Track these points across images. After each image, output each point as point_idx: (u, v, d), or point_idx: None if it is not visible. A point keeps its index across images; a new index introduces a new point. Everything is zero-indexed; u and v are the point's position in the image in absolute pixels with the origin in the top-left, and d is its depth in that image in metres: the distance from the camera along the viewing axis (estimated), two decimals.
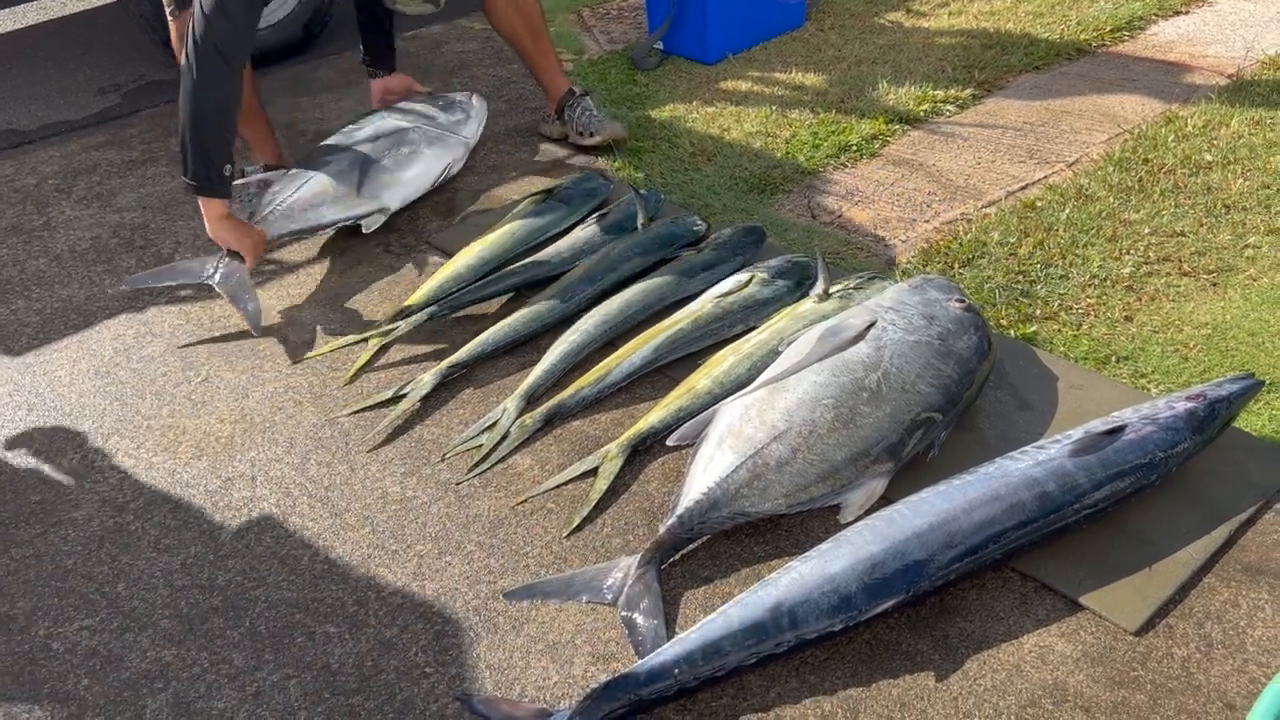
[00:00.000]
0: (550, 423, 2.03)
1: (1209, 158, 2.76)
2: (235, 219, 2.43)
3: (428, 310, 2.31)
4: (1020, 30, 3.68)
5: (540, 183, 2.86)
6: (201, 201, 2.37)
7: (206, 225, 2.41)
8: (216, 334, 2.39)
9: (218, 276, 2.44)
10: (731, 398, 1.87)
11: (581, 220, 2.61)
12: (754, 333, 2.09)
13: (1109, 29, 3.64)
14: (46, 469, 2.03)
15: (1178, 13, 3.79)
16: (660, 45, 3.67)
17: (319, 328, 2.39)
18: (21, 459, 2.07)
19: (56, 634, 1.69)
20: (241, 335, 2.37)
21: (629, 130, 3.06)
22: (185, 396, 2.20)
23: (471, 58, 3.78)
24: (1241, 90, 3.13)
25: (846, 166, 2.93)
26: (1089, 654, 1.52)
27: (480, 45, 3.90)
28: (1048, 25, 3.70)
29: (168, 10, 2.62)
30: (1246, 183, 2.63)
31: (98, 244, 2.78)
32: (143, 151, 3.25)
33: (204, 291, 2.54)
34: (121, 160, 3.20)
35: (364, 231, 2.64)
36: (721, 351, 2.05)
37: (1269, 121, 2.91)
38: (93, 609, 1.73)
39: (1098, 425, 1.71)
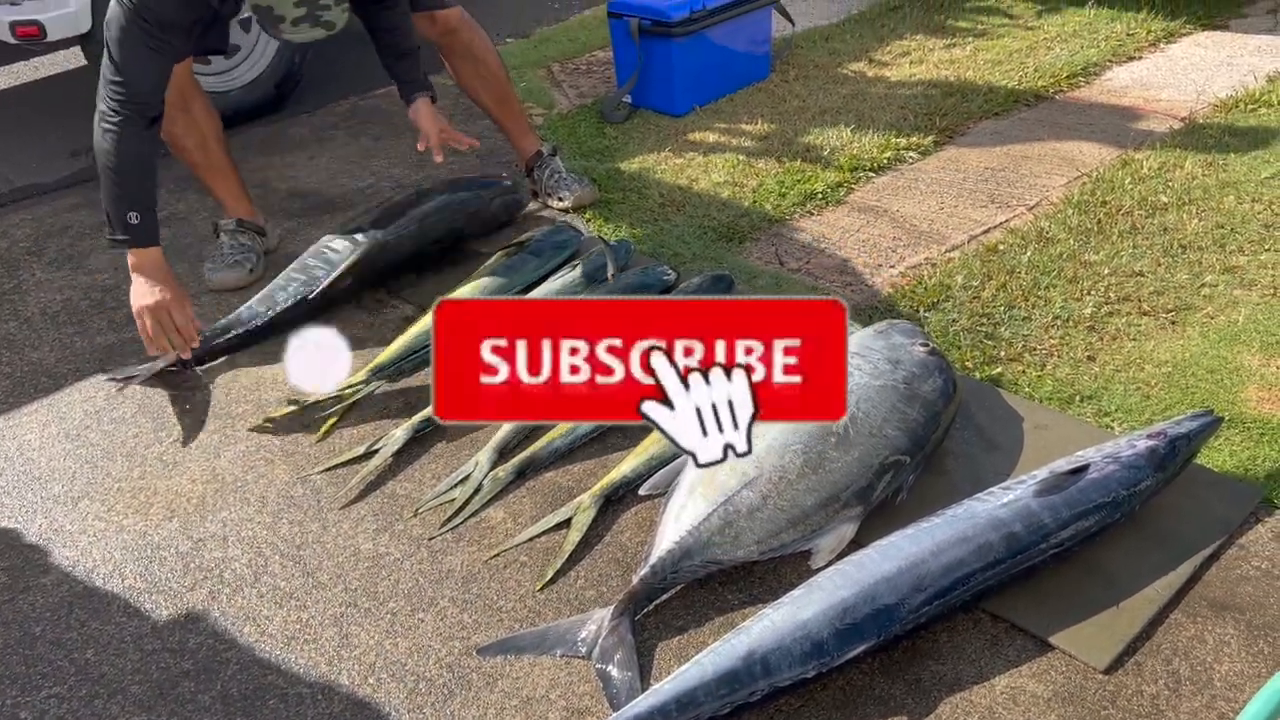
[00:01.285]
0: (523, 475, 2.04)
1: (1165, 199, 2.83)
2: (153, 278, 2.28)
3: (399, 365, 2.32)
4: (980, 78, 3.77)
5: (511, 235, 2.89)
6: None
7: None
8: (186, 394, 2.38)
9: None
10: None
11: (553, 272, 2.63)
12: None
13: (1065, 75, 3.73)
14: (14, 534, 2.01)
15: (1131, 59, 3.90)
16: (629, 99, 3.73)
17: (290, 385, 2.39)
18: None
19: (24, 703, 1.66)
20: (212, 393, 2.37)
21: (598, 192, 3.10)
22: (156, 457, 2.19)
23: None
24: (1194, 133, 3.22)
25: (812, 214, 2.98)
26: (1060, 694, 1.53)
27: (451, 102, 3.94)
28: (1006, 73, 3.80)
29: None
30: (1201, 223, 2.70)
31: (69, 306, 2.77)
32: None
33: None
34: (93, 222, 3.19)
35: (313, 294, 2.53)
36: None
37: (1221, 163, 2.99)
38: (61, 676, 1.70)
39: (1062, 465, 1.74)
